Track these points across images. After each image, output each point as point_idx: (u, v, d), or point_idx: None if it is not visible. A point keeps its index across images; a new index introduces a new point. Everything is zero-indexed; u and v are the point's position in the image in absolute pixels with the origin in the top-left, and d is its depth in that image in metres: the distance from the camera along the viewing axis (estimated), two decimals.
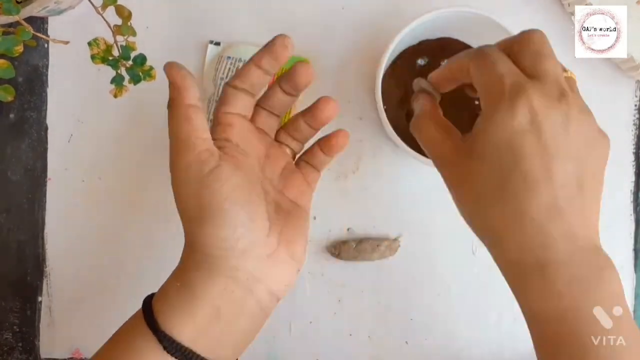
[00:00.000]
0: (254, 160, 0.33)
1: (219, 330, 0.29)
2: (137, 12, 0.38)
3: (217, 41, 0.46)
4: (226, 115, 0.32)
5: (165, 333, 0.28)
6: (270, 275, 0.30)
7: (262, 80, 0.32)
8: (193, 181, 0.29)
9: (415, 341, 0.47)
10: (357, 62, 0.47)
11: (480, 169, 0.29)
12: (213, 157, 0.30)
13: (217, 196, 0.29)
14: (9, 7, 0.34)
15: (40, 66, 0.46)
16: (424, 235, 0.47)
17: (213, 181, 0.29)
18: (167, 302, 0.29)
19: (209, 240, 0.29)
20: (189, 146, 0.29)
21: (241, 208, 0.29)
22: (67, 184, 0.47)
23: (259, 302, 0.30)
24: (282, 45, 0.31)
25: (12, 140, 0.46)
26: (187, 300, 0.29)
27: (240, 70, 0.32)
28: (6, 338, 0.47)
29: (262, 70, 0.32)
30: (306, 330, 0.47)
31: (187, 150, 0.29)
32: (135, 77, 0.39)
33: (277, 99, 0.34)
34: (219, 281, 0.29)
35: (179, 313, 0.29)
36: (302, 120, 0.34)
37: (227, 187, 0.29)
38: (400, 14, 0.46)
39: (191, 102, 0.30)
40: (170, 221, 0.46)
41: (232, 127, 0.32)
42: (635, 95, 0.47)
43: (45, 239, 0.47)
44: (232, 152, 0.31)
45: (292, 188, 0.34)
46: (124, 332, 0.30)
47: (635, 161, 0.47)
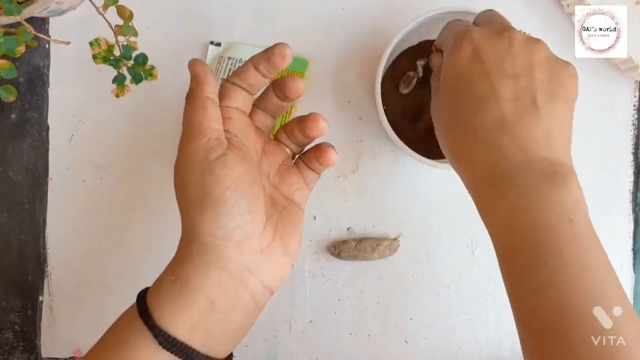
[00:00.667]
0: (253, 153, 0.33)
1: (213, 324, 0.29)
2: (138, 12, 0.38)
3: (217, 42, 0.46)
4: (225, 108, 0.33)
5: (161, 328, 0.28)
6: (264, 268, 0.31)
7: (259, 81, 0.33)
8: (198, 166, 0.30)
9: (414, 341, 0.47)
10: (357, 62, 0.47)
11: (442, 102, 0.33)
12: (221, 146, 0.30)
13: (221, 183, 0.29)
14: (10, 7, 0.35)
15: (41, 66, 0.46)
16: (424, 235, 0.47)
17: (218, 168, 0.29)
18: (161, 296, 0.29)
19: (206, 227, 0.29)
20: (201, 133, 0.30)
21: (241, 198, 0.30)
22: (68, 184, 0.47)
23: (252, 295, 0.31)
24: (280, 55, 0.32)
25: (14, 140, 0.47)
26: (182, 294, 0.29)
27: (239, 70, 0.33)
28: (7, 337, 0.47)
29: (260, 73, 0.33)
30: (306, 330, 0.47)
31: (198, 137, 0.30)
32: (137, 77, 0.39)
33: (272, 103, 0.35)
34: (213, 274, 0.29)
35: (173, 307, 0.29)
36: (297, 128, 0.35)
37: (231, 176, 0.30)
38: (400, 14, 0.46)
39: (209, 95, 0.31)
40: (170, 221, 0.46)
41: (231, 120, 0.32)
42: (634, 96, 0.47)
43: (46, 238, 0.47)
44: (237, 144, 0.32)
45: (288, 185, 0.35)
46: (118, 328, 0.30)
47: (634, 161, 0.47)
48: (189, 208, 0.30)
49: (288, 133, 0.36)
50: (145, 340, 0.28)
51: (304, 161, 0.36)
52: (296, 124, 0.35)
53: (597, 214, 0.47)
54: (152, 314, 0.29)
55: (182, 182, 0.31)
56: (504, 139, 0.30)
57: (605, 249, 0.29)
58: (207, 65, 0.32)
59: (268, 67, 0.32)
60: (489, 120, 0.30)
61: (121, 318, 0.31)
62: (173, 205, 0.31)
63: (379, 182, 0.47)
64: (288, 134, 0.36)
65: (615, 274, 0.29)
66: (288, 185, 0.35)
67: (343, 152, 0.47)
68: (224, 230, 0.29)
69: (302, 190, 0.35)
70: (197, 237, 0.30)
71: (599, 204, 0.47)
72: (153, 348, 0.28)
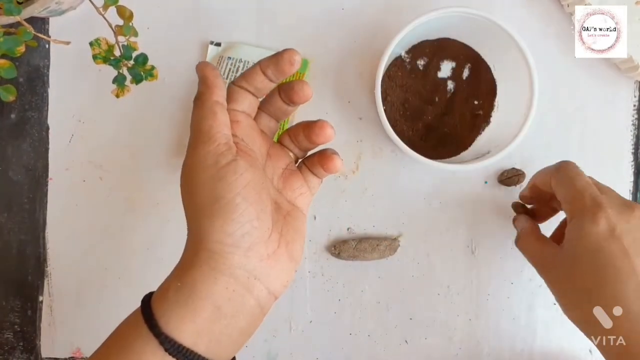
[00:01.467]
0: (259, 157, 0.33)
1: (219, 330, 0.29)
2: (138, 12, 0.38)
3: (217, 42, 0.46)
4: (233, 112, 0.33)
5: (167, 335, 0.28)
6: (270, 274, 0.31)
7: (266, 85, 0.33)
8: (208, 171, 0.30)
9: (414, 340, 0.47)
10: (357, 62, 0.47)
11: (577, 270, 0.36)
12: (230, 152, 0.30)
13: (231, 190, 0.29)
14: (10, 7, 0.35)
15: (41, 66, 0.46)
16: (424, 235, 0.47)
17: (229, 174, 0.29)
18: (167, 302, 0.29)
19: (215, 235, 0.29)
20: (210, 138, 0.30)
21: (250, 205, 0.30)
22: (68, 184, 0.47)
23: (258, 301, 0.31)
24: (289, 61, 0.32)
25: (14, 140, 0.47)
26: (189, 301, 0.29)
27: (246, 72, 0.33)
28: (7, 337, 0.47)
29: (267, 78, 0.33)
30: (306, 330, 0.47)
31: (208, 142, 0.30)
32: (137, 77, 0.39)
33: (276, 107, 0.35)
34: (221, 281, 0.29)
35: (180, 314, 0.29)
36: (302, 133, 0.35)
37: (241, 182, 0.30)
38: (400, 14, 0.46)
39: (218, 99, 0.31)
40: (170, 221, 0.46)
41: (239, 124, 0.32)
42: (634, 96, 0.47)
43: (46, 238, 0.47)
44: (245, 148, 0.32)
45: (291, 190, 0.34)
46: (122, 334, 0.30)
47: (634, 161, 0.47)
48: (198, 214, 0.30)
49: (292, 137, 0.35)
50: (152, 347, 0.28)
51: (307, 166, 0.36)
52: (302, 129, 0.35)
53: None
54: (158, 321, 0.28)
55: (190, 187, 0.30)
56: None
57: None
58: (216, 69, 0.32)
59: (276, 72, 0.32)
60: (629, 292, 0.34)
61: (125, 323, 0.31)
62: (173, 206, 0.31)
63: (379, 182, 0.47)
64: (292, 138, 0.35)
65: None
66: (292, 190, 0.34)
67: (343, 152, 0.47)
68: (233, 237, 0.29)
69: (305, 195, 0.35)
70: (205, 244, 0.29)
71: None
72: (160, 355, 0.28)
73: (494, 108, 0.46)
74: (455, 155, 0.46)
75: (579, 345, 0.47)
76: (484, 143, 0.45)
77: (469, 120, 0.46)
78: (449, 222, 0.47)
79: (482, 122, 0.46)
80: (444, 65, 0.46)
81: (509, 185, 0.46)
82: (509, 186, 0.46)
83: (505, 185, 0.47)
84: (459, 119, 0.46)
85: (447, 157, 0.46)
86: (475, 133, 0.46)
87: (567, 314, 0.37)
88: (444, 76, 0.46)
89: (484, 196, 0.47)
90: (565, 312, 0.37)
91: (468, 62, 0.46)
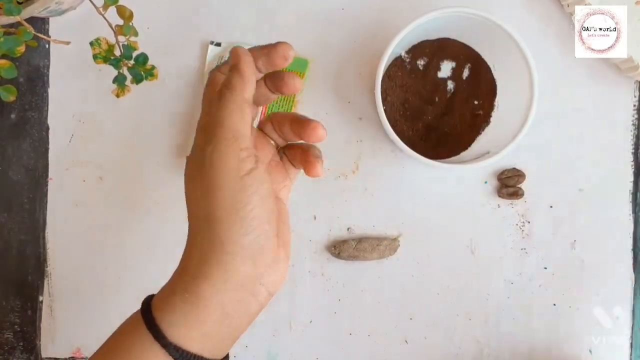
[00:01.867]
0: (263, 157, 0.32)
1: (225, 332, 0.29)
2: (138, 12, 0.39)
3: (217, 42, 0.46)
4: None
5: (176, 345, 0.28)
6: (271, 278, 0.31)
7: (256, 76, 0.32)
8: (229, 177, 0.28)
9: (414, 341, 0.47)
10: (357, 62, 0.47)
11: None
12: (251, 158, 0.29)
13: (251, 201, 0.28)
14: (10, 7, 0.35)
15: (41, 66, 0.46)
16: (424, 235, 0.47)
17: (253, 185, 0.28)
18: (173, 311, 0.29)
19: (231, 246, 0.28)
20: (234, 137, 0.28)
21: (265, 215, 0.29)
22: (68, 184, 0.47)
23: (260, 303, 0.31)
24: (283, 56, 0.31)
25: (14, 140, 0.47)
26: (198, 312, 0.28)
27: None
28: (7, 337, 0.47)
29: (257, 68, 0.31)
30: (306, 330, 0.47)
31: (231, 140, 0.28)
32: (138, 77, 0.39)
33: (260, 93, 0.33)
34: (231, 291, 0.29)
35: (188, 324, 0.28)
36: (289, 126, 0.33)
37: (261, 193, 0.29)
38: (400, 14, 0.46)
39: (248, 97, 0.30)
40: (170, 221, 0.46)
41: None
42: (634, 96, 0.47)
43: (46, 238, 0.47)
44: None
45: (276, 182, 0.33)
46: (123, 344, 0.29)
47: (634, 161, 0.47)
48: (211, 220, 0.28)
49: (276, 126, 0.34)
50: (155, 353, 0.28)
51: (288, 157, 0.35)
52: (289, 121, 0.33)
53: (597, 214, 0.47)
54: (165, 332, 0.28)
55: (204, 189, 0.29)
56: None
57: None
58: (252, 62, 0.30)
59: (266, 64, 0.31)
60: None
61: (125, 331, 0.30)
62: (172, 205, 0.31)
63: (379, 182, 0.47)
64: (276, 127, 0.34)
65: None
66: (276, 183, 0.33)
67: (343, 152, 0.47)
68: (246, 250, 0.29)
69: (288, 187, 0.34)
70: (217, 255, 0.28)
71: (599, 204, 0.47)
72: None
73: (493, 108, 0.46)
74: (455, 155, 0.46)
75: (579, 346, 0.47)
76: (483, 143, 0.45)
77: (469, 120, 0.46)
78: (448, 222, 0.47)
79: (482, 122, 0.46)
80: (444, 65, 0.46)
81: (509, 185, 0.46)
82: (509, 187, 0.46)
83: (505, 185, 0.47)
84: (459, 119, 0.46)
85: (447, 157, 0.46)
86: (475, 133, 0.46)
87: None
88: (444, 76, 0.46)
89: (484, 196, 0.47)
90: None
91: (468, 62, 0.46)
